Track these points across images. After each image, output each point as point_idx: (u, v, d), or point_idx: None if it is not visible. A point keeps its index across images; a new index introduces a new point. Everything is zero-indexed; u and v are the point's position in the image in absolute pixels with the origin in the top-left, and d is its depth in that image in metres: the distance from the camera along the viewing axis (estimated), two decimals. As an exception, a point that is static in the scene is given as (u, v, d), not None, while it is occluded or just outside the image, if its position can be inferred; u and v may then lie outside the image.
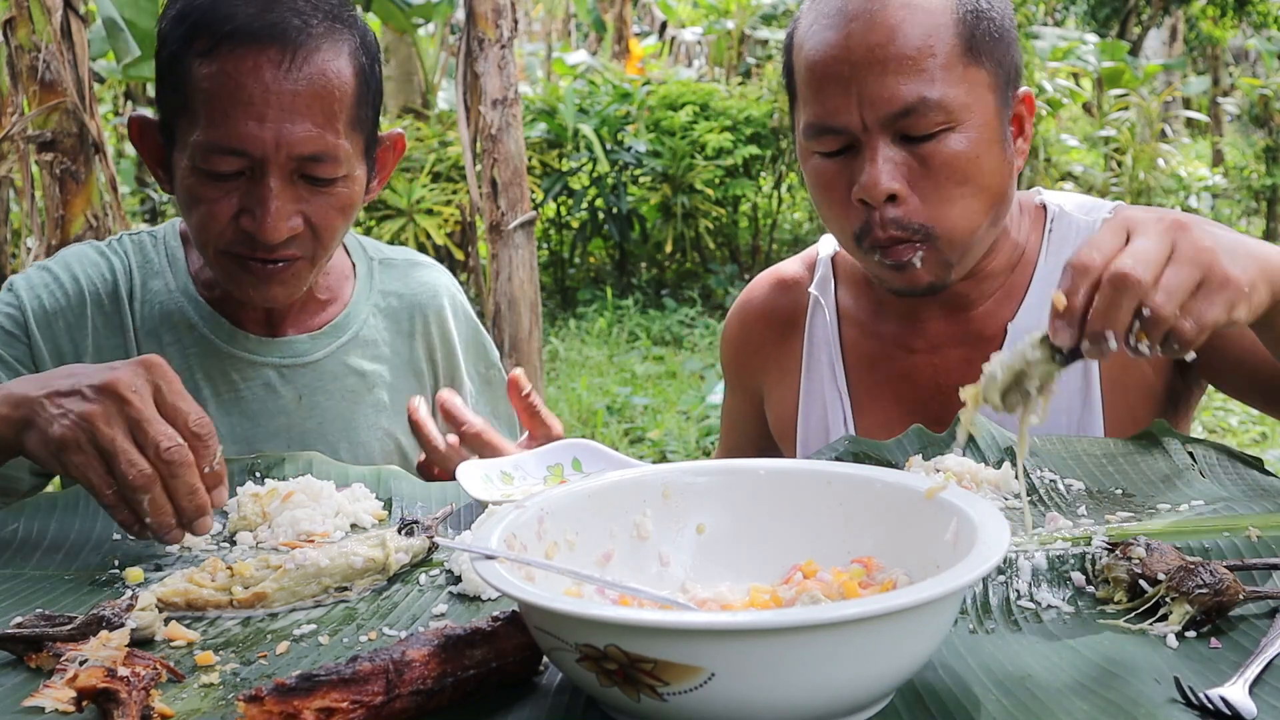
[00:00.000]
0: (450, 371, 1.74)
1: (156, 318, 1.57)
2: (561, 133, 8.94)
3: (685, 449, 5.71)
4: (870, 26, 1.36)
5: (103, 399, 1.12)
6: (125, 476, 1.10)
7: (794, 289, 1.69)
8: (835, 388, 1.61)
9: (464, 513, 1.29)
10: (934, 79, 1.35)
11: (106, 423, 1.11)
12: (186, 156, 1.42)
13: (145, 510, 1.11)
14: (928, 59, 1.35)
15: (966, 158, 1.37)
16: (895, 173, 1.36)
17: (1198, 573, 0.91)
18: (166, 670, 0.89)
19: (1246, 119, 12.59)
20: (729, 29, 13.03)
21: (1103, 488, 1.25)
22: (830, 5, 1.41)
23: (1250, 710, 0.77)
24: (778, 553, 1.00)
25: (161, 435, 1.12)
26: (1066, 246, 1.51)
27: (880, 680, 0.78)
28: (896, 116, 1.35)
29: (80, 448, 1.11)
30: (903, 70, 1.35)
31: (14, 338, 1.52)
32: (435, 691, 0.82)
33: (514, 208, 4.70)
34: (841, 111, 1.37)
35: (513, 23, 4.73)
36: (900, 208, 1.37)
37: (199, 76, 1.39)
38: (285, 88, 1.38)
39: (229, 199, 1.41)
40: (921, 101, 1.34)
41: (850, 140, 1.39)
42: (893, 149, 1.37)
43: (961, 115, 1.36)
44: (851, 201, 1.39)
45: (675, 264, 9.59)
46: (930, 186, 1.37)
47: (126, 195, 10.21)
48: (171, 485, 1.12)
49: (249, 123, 1.38)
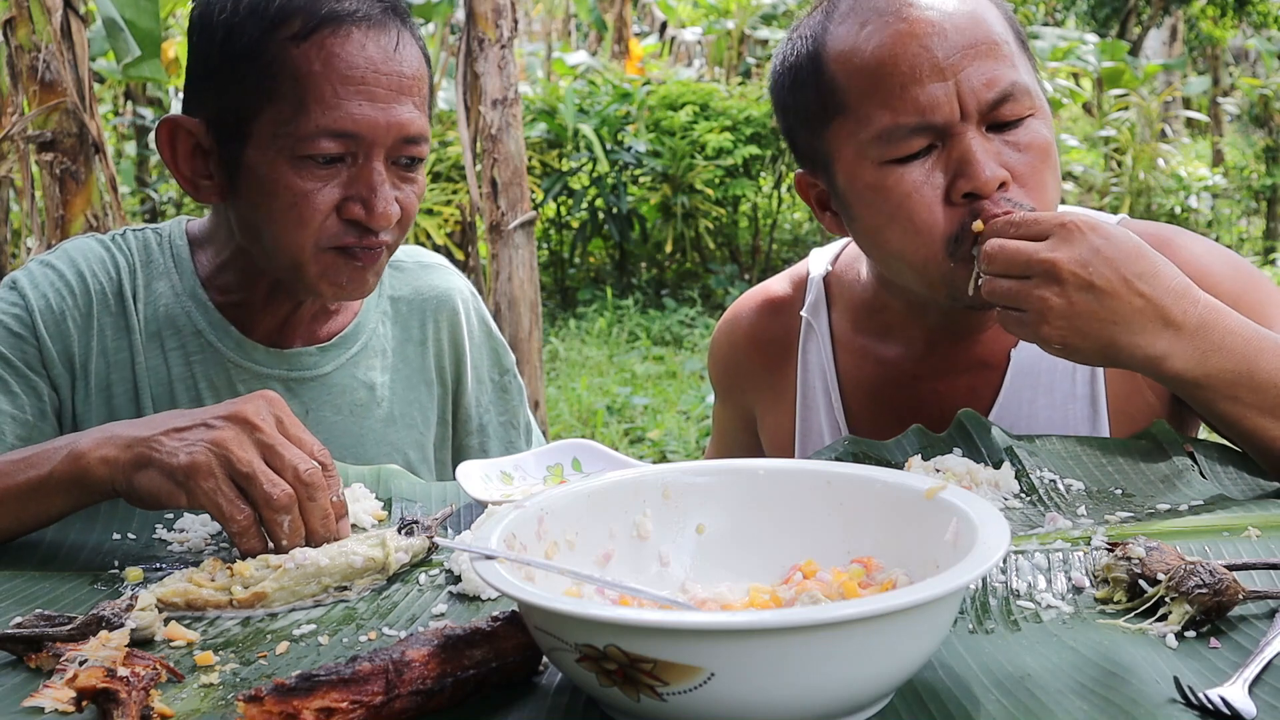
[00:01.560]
0: (458, 378, 1.69)
1: (160, 320, 1.51)
2: (561, 133, 8.94)
3: (685, 449, 5.71)
4: (947, 11, 1.30)
5: (231, 425, 1.12)
6: (269, 496, 1.10)
7: (784, 311, 1.62)
8: (833, 417, 1.55)
9: (464, 513, 1.29)
10: (1015, 65, 1.31)
11: (240, 447, 1.11)
12: (276, 148, 1.36)
13: (284, 532, 1.11)
14: (1004, 45, 1.31)
15: (1048, 142, 1.33)
16: (998, 161, 1.29)
17: (1197, 573, 0.91)
18: (166, 670, 0.89)
19: (1246, 119, 12.59)
20: (729, 29, 13.03)
21: (1103, 488, 1.25)
22: (877, 5, 1.33)
23: (1250, 710, 0.77)
24: (777, 553, 1.00)
25: (298, 458, 1.12)
26: None
27: (880, 680, 0.78)
28: (996, 103, 1.29)
29: (212, 472, 1.10)
30: (993, 54, 1.29)
31: (22, 339, 1.45)
32: (435, 691, 0.82)
33: (514, 208, 4.70)
34: (936, 102, 1.28)
35: (513, 23, 4.73)
36: (1009, 193, 1.30)
37: (296, 60, 1.34)
38: (392, 68, 1.37)
39: (329, 189, 1.37)
40: (1014, 86, 1.30)
41: (934, 138, 1.30)
42: (986, 139, 1.30)
43: (1038, 101, 1.33)
44: (947, 203, 1.30)
45: (675, 264, 9.59)
46: (1027, 171, 1.31)
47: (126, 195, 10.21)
48: (307, 508, 1.12)
49: (361, 103, 1.35)
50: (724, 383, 1.72)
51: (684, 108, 9.01)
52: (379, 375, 1.61)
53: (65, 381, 1.47)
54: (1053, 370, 1.45)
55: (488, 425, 1.72)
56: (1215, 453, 1.32)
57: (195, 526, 1.25)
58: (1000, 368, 1.47)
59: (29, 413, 1.44)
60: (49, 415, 1.46)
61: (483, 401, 1.72)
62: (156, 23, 3.58)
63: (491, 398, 1.74)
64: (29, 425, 1.43)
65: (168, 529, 1.26)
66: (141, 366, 1.50)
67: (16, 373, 1.44)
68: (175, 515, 1.29)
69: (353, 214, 1.38)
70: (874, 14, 1.32)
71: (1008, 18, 1.36)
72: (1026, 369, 1.46)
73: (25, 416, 1.43)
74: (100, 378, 1.49)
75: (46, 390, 1.46)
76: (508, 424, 1.74)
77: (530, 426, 1.78)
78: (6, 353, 1.44)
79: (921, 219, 1.31)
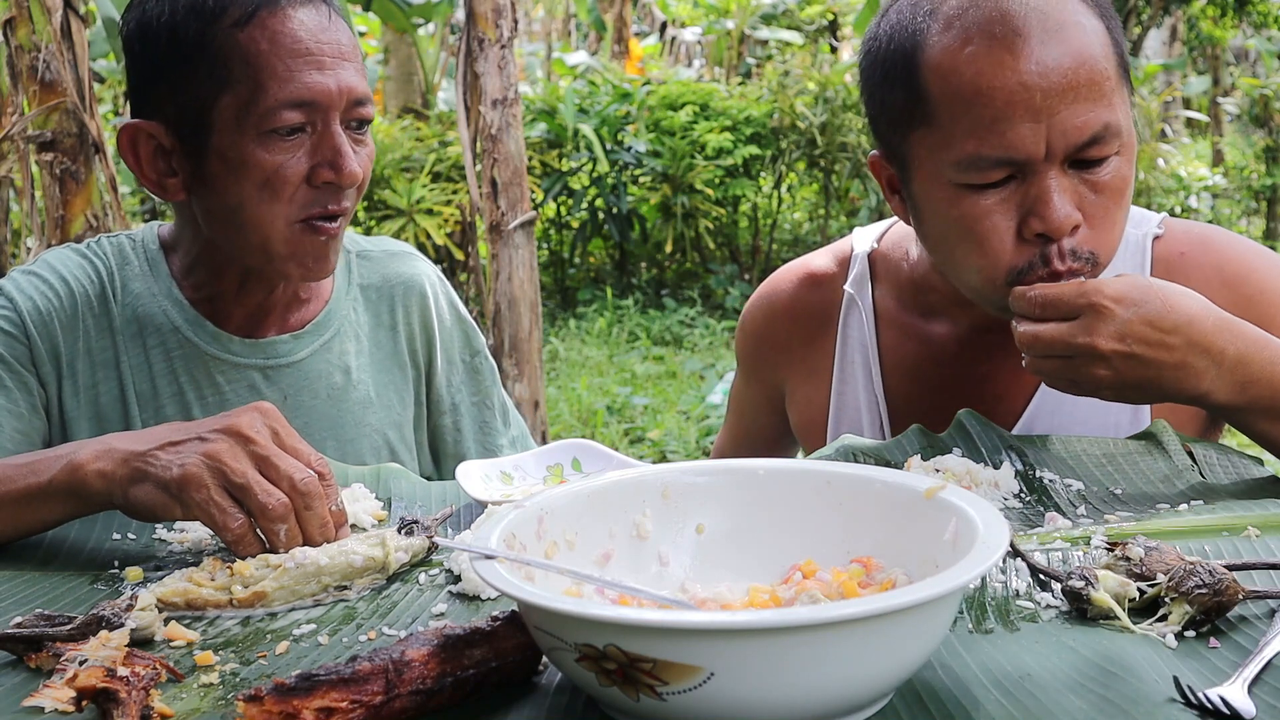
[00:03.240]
0: (429, 360, 1.73)
1: (139, 320, 1.55)
2: (561, 133, 8.94)
3: (685, 449, 5.71)
4: (1053, 46, 1.25)
5: (225, 438, 1.13)
6: (264, 506, 1.11)
7: (825, 285, 1.62)
8: (871, 393, 1.55)
9: (464, 513, 1.29)
10: (1112, 104, 1.28)
11: (234, 458, 1.12)
12: (240, 130, 1.41)
13: (281, 541, 1.11)
14: (1105, 82, 1.27)
15: (1127, 182, 1.32)
16: (1073, 203, 1.28)
17: (1197, 573, 0.91)
18: (166, 670, 0.89)
19: (1246, 119, 12.59)
20: (729, 29, 13.04)
21: (1103, 488, 1.25)
22: (989, 20, 1.28)
23: (1249, 710, 0.77)
24: (777, 553, 1.00)
25: (293, 468, 1.13)
26: (1119, 259, 1.47)
27: (880, 680, 0.78)
28: (1084, 146, 1.27)
29: (204, 484, 1.11)
30: (1091, 96, 1.26)
31: (13, 338, 1.50)
32: (435, 691, 0.82)
33: (514, 208, 4.70)
34: (1025, 140, 1.25)
35: (513, 23, 4.72)
36: (1077, 237, 1.29)
37: (244, 44, 1.40)
38: (331, 37, 1.45)
39: (296, 159, 1.42)
40: (1105, 128, 1.27)
41: (1015, 171, 1.28)
42: (1065, 177, 1.28)
43: (1126, 139, 1.30)
44: (1019, 237, 1.30)
45: (675, 264, 9.59)
46: (1100, 213, 1.30)
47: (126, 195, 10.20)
48: (305, 517, 1.13)
49: (312, 72, 1.41)
50: (755, 356, 1.70)
51: (684, 108, 9.02)
52: (354, 359, 1.65)
53: (53, 380, 1.52)
54: None
55: (460, 405, 1.76)
56: (1215, 453, 1.32)
57: (195, 527, 1.25)
58: None
59: (23, 407, 1.48)
60: (39, 410, 1.51)
61: (454, 382, 1.76)
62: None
63: (463, 378, 1.78)
64: (24, 419, 1.48)
65: (168, 529, 1.26)
66: (126, 365, 1.55)
67: (10, 369, 1.48)
68: (175, 515, 1.29)
69: (323, 177, 1.43)
70: (979, 32, 1.28)
71: (1116, 45, 1.32)
72: None
73: (20, 410, 1.48)
74: (87, 377, 1.54)
75: (36, 387, 1.50)
76: (480, 404, 1.78)
77: (506, 407, 1.82)
78: (3, 351, 1.48)
79: (991, 247, 1.30)
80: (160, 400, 1.55)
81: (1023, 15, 1.27)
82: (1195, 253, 1.48)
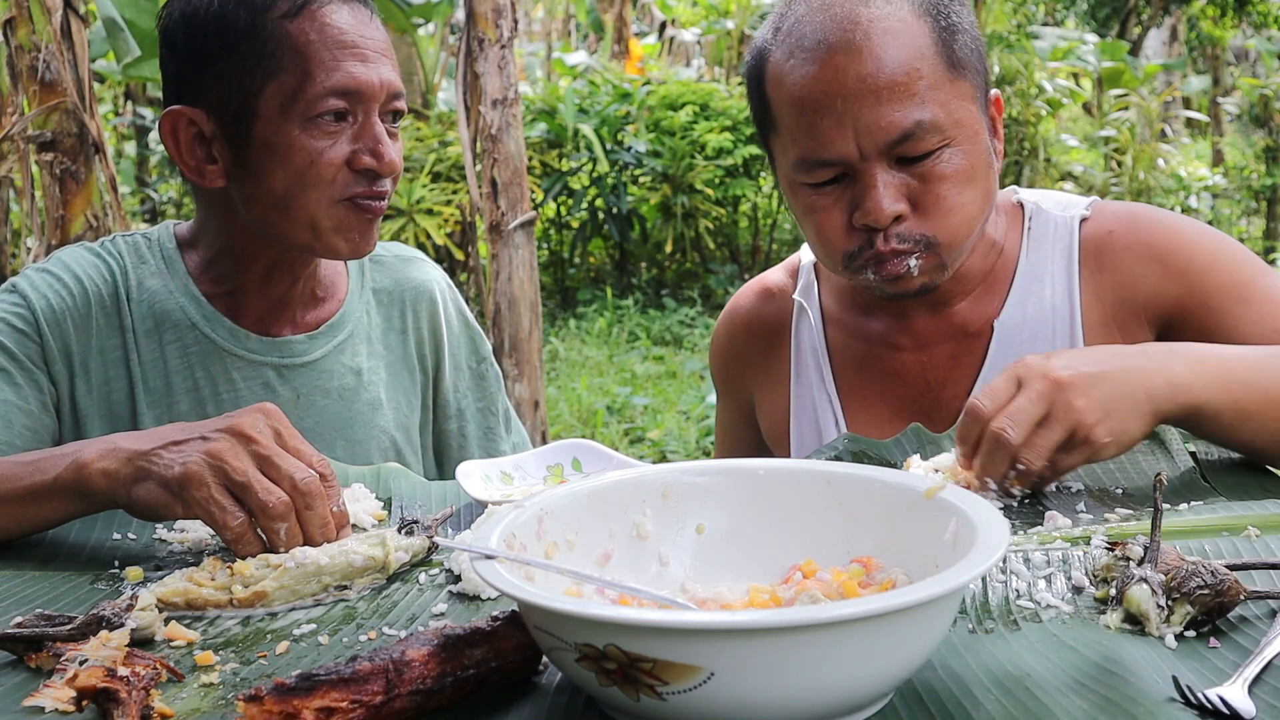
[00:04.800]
0: (437, 365, 1.76)
1: (156, 317, 1.57)
2: (561, 133, 8.94)
3: (685, 449, 5.71)
4: (856, 56, 1.36)
5: (227, 437, 1.14)
6: (264, 504, 1.11)
7: (778, 297, 1.71)
8: (825, 391, 1.62)
9: (464, 513, 1.29)
10: (925, 101, 1.36)
11: (235, 457, 1.12)
12: (285, 117, 1.46)
13: (281, 540, 1.11)
14: (917, 82, 1.36)
15: (963, 170, 1.39)
16: (897, 195, 1.38)
17: (1199, 573, 0.91)
18: (166, 670, 0.89)
19: (1246, 119, 12.59)
20: (729, 29, 13.03)
21: (1103, 487, 1.25)
22: (805, 36, 1.40)
23: (1249, 710, 0.77)
24: (777, 553, 1.00)
25: (294, 468, 1.13)
26: (1046, 243, 1.54)
27: (880, 680, 0.78)
28: (894, 143, 1.36)
29: (205, 482, 1.11)
30: (895, 97, 1.35)
31: (26, 336, 1.51)
32: (435, 691, 0.82)
33: (514, 208, 4.70)
34: (837, 144, 1.37)
35: (513, 23, 4.72)
36: (903, 225, 1.39)
37: (293, 34, 1.45)
38: (375, 35, 1.51)
39: (338, 145, 1.47)
40: (917, 125, 1.36)
41: (845, 169, 1.40)
42: (890, 173, 1.38)
43: (954, 131, 1.38)
44: (850, 227, 1.41)
45: (675, 264, 9.59)
46: (931, 201, 1.39)
47: (126, 195, 10.21)
48: (305, 516, 1.13)
49: (356, 64, 1.47)
50: (724, 373, 1.78)
51: (684, 108, 9.02)
52: (365, 361, 1.67)
53: (64, 378, 1.53)
54: (1034, 340, 1.51)
55: (466, 410, 1.79)
56: (1216, 453, 1.32)
57: (195, 526, 1.25)
58: (984, 336, 1.53)
59: (33, 404, 1.50)
60: (50, 409, 1.52)
61: (460, 388, 1.79)
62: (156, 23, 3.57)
63: (469, 384, 1.80)
64: (34, 417, 1.49)
65: (168, 529, 1.26)
66: (135, 363, 1.56)
67: (21, 367, 1.50)
68: (175, 515, 1.29)
69: (363, 164, 1.48)
70: (799, 47, 1.40)
71: (943, 43, 1.40)
72: (1011, 338, 1.52)
73: (30, 408, 1.49)
74: (99, 375, 1.55)
75: (47, 385, 1.51)
76: (485, 410, 1.81)
77: (509, 413, 1.85)
78: (12, 347, 1.50)
79: (826, 236, 1.44)
80: (174, 396, 1.56)
81: (836, 27, 1.38)
82: (1122, 230, 1.51)
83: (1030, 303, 1.52)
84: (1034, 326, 1.51)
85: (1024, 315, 1.52)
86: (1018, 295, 1.53)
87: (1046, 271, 1.52)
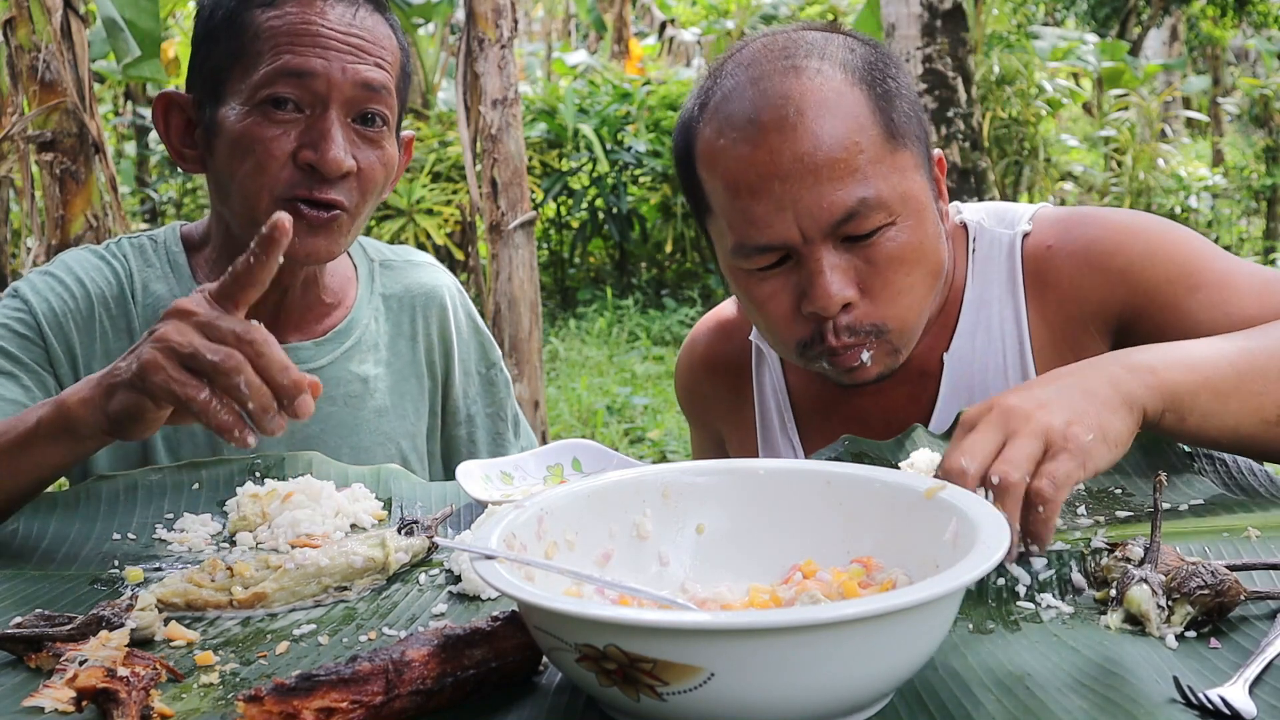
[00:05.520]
0: (446, 371, 1.74)
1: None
2: (561, 133, 8.94)
3: (685, 449, 5.71)
4: (790, 134, 1.28)
5: (170, 321, 1.11)
6: (214, 364, 1.07)
7: (735, 335, 1.64)
8: (788, 435, 1.58)
9: (464, 513, 1.29)
10: (868, 176, 1.29)
11: (179, 333, 1.09)
12: (241, 101, 1.44)
13: (245, 393, 1.06)
14: (857, 157, 1.28)
15: (911, 247, 1.32)
16: (845, 280, 1.31)
17: (1199, 573, 0.91)
18: (166, 670, 0.89)
19: (1246, 119, 12.60)
20: (729, 29, 13.03)
21: (1103, 488, 1.25)
22: (736, 114, 1.31)
23: (1250, 710, 0.77)
24: (777, 553, 1.00)
25: (235, 324, 1.09)
26: (991, 265, 1.47)
27: (880, 680, 0.78)
28: (838, 224, 1.28)
29: (159, 365, 1.08)
30: (836, 175, 1.27)
31: (29, 340, 1.50)
32: (435, 691, 0.82)
33: (514, 208, 4.70)
34: (776, 227, 1.29)
35: (513, 23, 4.72)
36: (852, 313, 1.32)
37: (261, 22, 1.45)
38: (351, 29, 1.46)
39: (286, 136, 1.43)
40: (861, 203, 1.28)
41: (787, 253, 1.32)
42: (835, 255, 1.30)
43: (898, 207, 1.31)
44: (797, 314, 1.34)
45: (675, 264, 9.59)
46: (879, 285, 1.32)
47: (126, 195, 10.21)
48: (261, 364, 1.08)
49: (315, 51, 1.43)
50: (690, 406, 1.75)
51: (684, 108, 9.01)
52: (372, 368, 1.66)
53: (70, 381, 1.52)
54: (984, 371, 1.46)
55: (475, 416, 1.78)
56: (1215, 453, 1.32)
57: (195, 526, 1.25)
58: (936, 373, 1.47)
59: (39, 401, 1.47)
60: None
61: (470, 393, 1.78)
62: (156, 23, 3.58)
63: (479, 390, 1.79)
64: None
65: (168, 529, 1.26)
66: None
67: (27, 370, 1.49)
68: (175, 515, 1.29)
69: (305, 158, 1.43)
70: (728, 125, 1.32)
71: (881, 113, 1.31)
72: (959, 373, 1.47)
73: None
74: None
75: (54, 387, 1.51)
76: (494, 415, 1.80)
77: (518, 418, 1.84)
78: (15, 352, 1.49)
79: (776, 326, 1.36)
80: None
81: (766, 105, 1.29)
82: (1061, 242, 1.43)
83: (979, 332, 1.46)
84: (983, 356, 1.45)
85: (973, 346, 1.46)
86: (966, 325, 1.47)
87: (994, 296, 1.46)
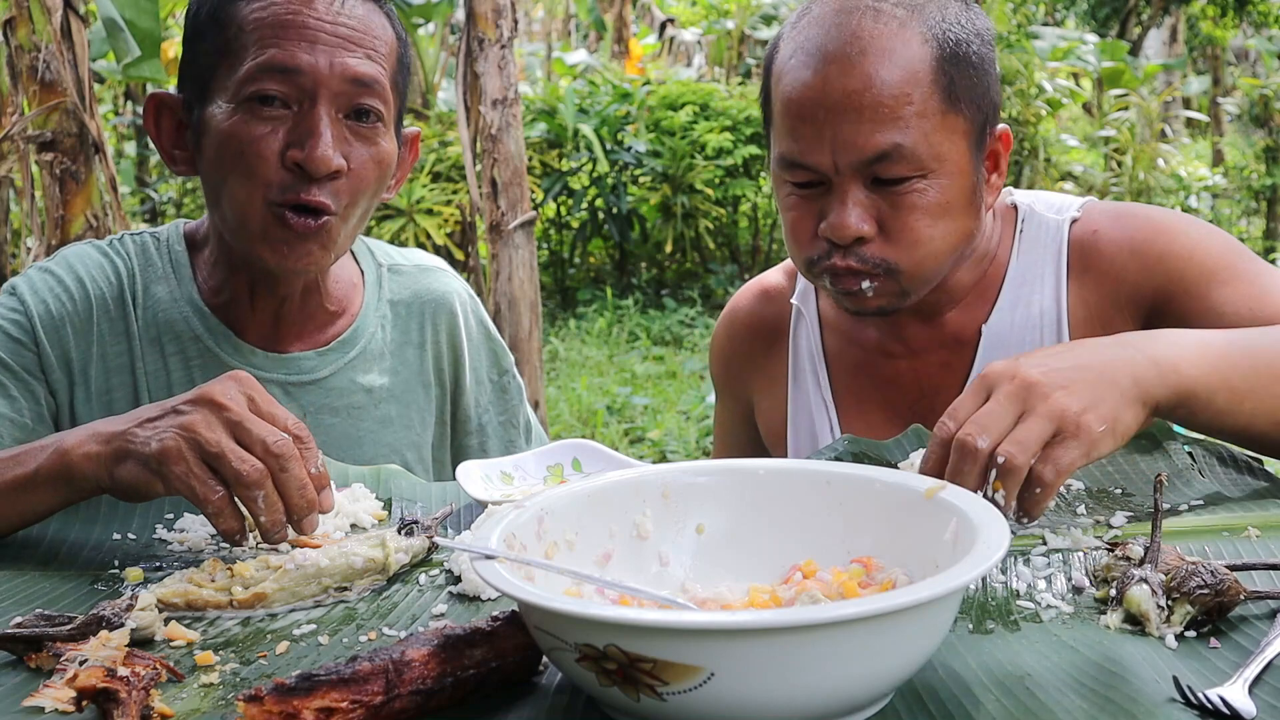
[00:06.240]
0: (456, 379, 1.70)
1: (159, 325, 1.52)
2: (561, 133, 8.94)
3: (685, 449, 5.71)
4: (847, 71, 1.35)
5: (199, 408, 1.11)
6: (238, 473, 1.08)
7: (777, 299, 1.70)
8: (821, 396, 1.62)
9: (464, 513, 1.29)
10: (909, 127, 1.35)
11: (208, 428, 1.10)
12: (227, 98, 1.39)
13: (260, 508, 1.09)
14: (904, 107, 1.35)
15: (937, 205, 1.38)
16: (864, 215, 1.37)
17: (1199, 573, 0.91)
18: (166, 670, 0.89)
19: (1246, 119, 12.59)
20: (729, 29, 13.04)
21: (1103, 488, 1.25)
22: (810, 40, 1.39)
23: (1249, 710, 0.77)
24: (777, 553, 1.00)
25: (266, 432, 1.10)
26: (1038, 246, 1.53)
27: (880, 680, 0.78)
28: (869, 163, 1.35)
29: (182, 456, 1.09)
30: (878, 118, 1.34)
31: (21, 345, 1.46)
32: (435, 691, 0.82)
33: (514, 208, 4.70)
34: (814, 152, 1.37)
35: (513, 23, 4.73)
36: (865, 247, 1.38)
37: (246, 15, 1.40)
38: (340, 21, 1.41)
39: (274, 134, 1.38)
40: (895, 149, 1.34)
41: (821, 177, 1.39)
42: (863, 192, 1.37)
43: (933, 165, 1.37)
44: (817, 234, 1.40)
45: (675, 264, 9.60)
46: (897, 228, 1.38)
47: (126, 195, 10.21)
48: (281, 480, 1.10)
49: (302, 44, 1.38)
50: (723, 374, 1.77)
51: (684, 108, 9.02)
52: (377, 378, 1.61)
53: (64, 386, 1.48)
54: (1020, 345, 1.50)
55: (487, 425, 1.73)
56: (1215, 453, 1.32)
57: (195, 526, 1.25)
58: (973, 343, 1.53)
59: (27, 416, 1.45)
60: (46, 419, 1.47)
61: (482, 402, 1.73)
62: (156, 23, 3.58)
63: (491, 398, 1.74)
64: (27, 429, 1.44)
65: (168, 529, 1.26)
66: (141, 371, 1.51)
67: (15, 377, 1.45)
68: (175, 515, 1.29)
69: (293, 157, 1.38)
70: (802, 48, 1.40)
71: (944, 75, 1.37)
72: (997, 343, 1.52)
73: (24, 420, 1.44)
74: (100, 383, 1.50)
75: (44, 395, 1.47)
76: (507, 423, 1.75)
77: (530, 424, 1.79)
78: (5, 357, 1.45)
79: (795, 236, 1.45)
80: None
81: (838, 38, 1.38)
82: (1107, 228, 1.50)
83: (1019, 308, 1.52)
84: (1021, 332, 1.50)
85: (1011, 321, 1.51)
86: (1007, 301, 1.52)
87: (1036, 276, 1.52)
